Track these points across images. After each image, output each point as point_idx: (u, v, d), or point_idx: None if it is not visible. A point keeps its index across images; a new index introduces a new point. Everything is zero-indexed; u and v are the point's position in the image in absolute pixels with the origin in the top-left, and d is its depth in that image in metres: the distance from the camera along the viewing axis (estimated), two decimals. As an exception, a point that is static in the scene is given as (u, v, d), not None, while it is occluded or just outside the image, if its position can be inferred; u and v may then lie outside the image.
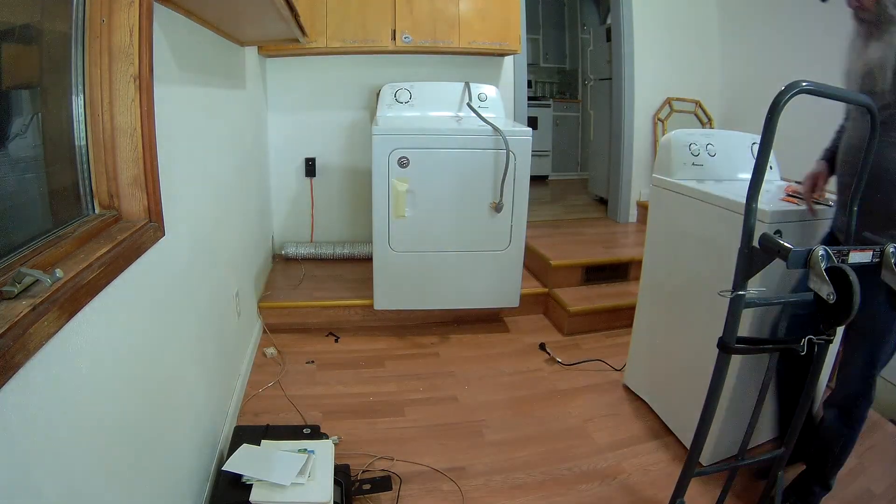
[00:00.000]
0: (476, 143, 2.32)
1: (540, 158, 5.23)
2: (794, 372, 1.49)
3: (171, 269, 1.29)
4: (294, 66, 2.99)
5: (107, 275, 0.90)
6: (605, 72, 4.01)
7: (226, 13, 1.61)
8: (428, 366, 2.32)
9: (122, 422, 0.98)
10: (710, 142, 1.91)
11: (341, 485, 1.45)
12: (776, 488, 1.42)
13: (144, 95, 1.05)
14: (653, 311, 2.00)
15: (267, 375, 2.17)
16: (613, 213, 3.82)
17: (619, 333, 2.57)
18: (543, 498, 1.59)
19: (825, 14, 2.80)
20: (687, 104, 3.64)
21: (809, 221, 1.53)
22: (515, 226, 2.44)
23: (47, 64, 0.97)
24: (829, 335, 1.24)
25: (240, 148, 2.22)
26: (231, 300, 1.95)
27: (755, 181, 1.13)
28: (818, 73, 2.88)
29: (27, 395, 0.70)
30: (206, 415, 1.54)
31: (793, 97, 1.06)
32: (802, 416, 1.37)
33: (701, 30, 3.59)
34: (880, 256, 1.12)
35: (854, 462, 1.74)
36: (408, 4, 2.74)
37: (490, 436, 1.87)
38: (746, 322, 1.51)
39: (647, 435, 1.89)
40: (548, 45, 5.84)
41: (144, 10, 1.03)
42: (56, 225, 0.95)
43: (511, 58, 3.24)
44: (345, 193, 3.14)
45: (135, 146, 1.06)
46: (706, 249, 1.67)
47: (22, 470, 0.69)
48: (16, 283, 0.73)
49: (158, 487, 1.16)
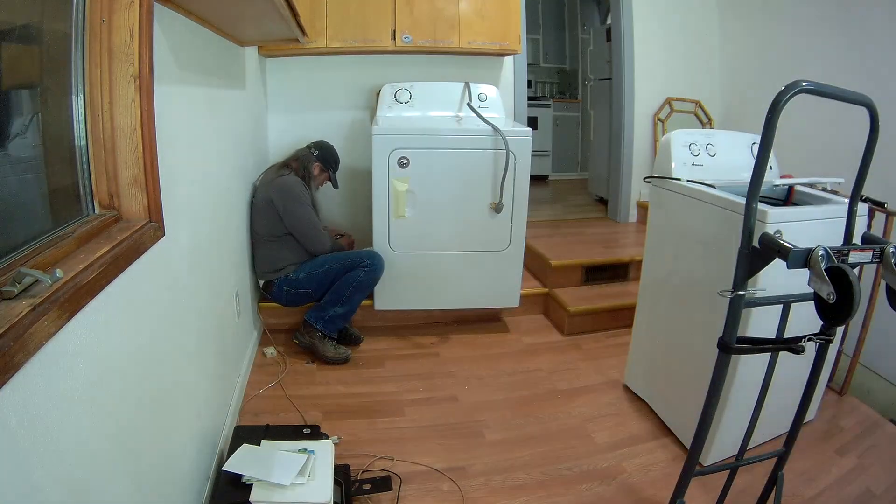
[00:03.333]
0: (476, 143, 2.32)
1: (540, 158, 5.23)
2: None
3: (171, 268, 1.29)
4: (294, 66, 2.99)
5: (107, 275, 0.90)
6: (605, 72, 4.01)
7: (226, 13, 1.61)
8: (428, 366, 2.32)
9: (122, 421, 0.98)
10: (710, 142, 1.91)
11: (341, 485, 1.45)
12: (776, 488, 1.42)
13: (144, 95, 1.05)
14: (653, 311, 2.00)
15: (267, 375, 2.17)
16: (613, 213, 3.82)
17: (619, 333, 2.57)
18: (543, 498, 1.59)
19: (825, 14, 2.80)
20: (687, 104, 3.64)
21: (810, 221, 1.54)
22: (515, 226, 2.43)
23: (47, 64, 0.97)
24: (829, 335, 1.24)
25: (240, 148, 2.22)
26: (231, 300, 1.95)
27: (755, 181, 1.13)
28: (818, 72, 2.90)
29: (27, 395, 0.70)
30: (206, 414, 1.54)
31: (793, 97, 1.06)
32: (803, 415, 1.37)
33: (701, 30, 3.59)
34: (880, 256, 1.12)
35: (854, 462, 1.74)
36: (408, 4, 2.74)
37: (490, 436, 1.87)
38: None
39: (647, 435, 1.89)
40: (548, 45, 5.84)
41: (144, 10, 1.03)
42: (56, 225, 0.95)
43: (511, 58, 3.24)
44: (345, 193, 3.14)
45: (135, 146, 1.06)
46: (706, 249, 1.67)
47: (22, 470, 0.69)
48: (16, 283, 0.73)
49: (159, 487, 1.16)
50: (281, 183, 2.25)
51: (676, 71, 3.60)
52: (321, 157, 2.42)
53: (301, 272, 2.30)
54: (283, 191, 2.24)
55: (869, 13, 2.54)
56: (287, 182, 2.26)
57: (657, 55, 3.55)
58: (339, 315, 2.29)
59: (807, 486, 1.64)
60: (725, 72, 3.61)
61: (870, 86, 1.75)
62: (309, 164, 2.38)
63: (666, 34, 3.54)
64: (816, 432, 1.89)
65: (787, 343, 1.22)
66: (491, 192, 2.37)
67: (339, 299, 2.28)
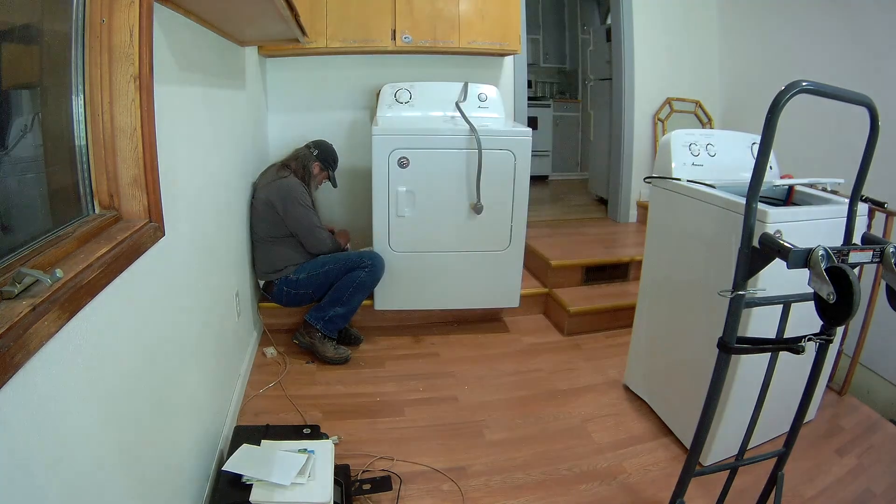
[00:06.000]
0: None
1: (540, 158, 5.23)
2: None
3: (171, 269, 1.29)
4: (294, 66, 2.99)
5: (107, 275, 0.90)
6: (605, 72, 4.01)
7: (226, 13, 1.61)
8: (428, 366, 2.32)
9: (122, 421, 0.98)
10: (710, 142, 1.91)
11: (341, 485, 1.45)
12: (776, 488, 1.42)
13: (144, 95, 1.05)
14: (653, 311, 2.00)
15: (267, 375, 2.17)
16: (613, 213, 3.82)
17: (619, 333, 2.57)
18: (543, 498, 1.59)
19: (825, 14, 2.80)
20: (687, 104, 3.64)
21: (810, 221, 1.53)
22: (515, 226, 2.43)
23: (47, 64, 0.97)
24: (829, 335, 1.24)
25: (240, 148, 2.22)
26: (231, 300, 1.95)
27: (755, 181, 1.13)
28: (818, 72, 2.89)
29: (27, 395, 0.70)
30: (206, 414, 1.54)
31: (793, 97, 1.06)
32: (803, 415, 1.37)
33: (701, 30, 3.59)
34: (880, 256, 1.12)
35: (854, 462, 1.74)
36: (408, 4, 2.74)
37: (490, 436, 1.87)
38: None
39: (647, 435, 1.89)
40: (548, 45, 5.84)
41: (144, 10, 1.03)
42: (56, 225, 0.95)
43: (511, 58, 3.24)
44: (345, 193, 3.14)
45: (135, 146, 1.06)
46: (706, 249, 1.67)
47: (22, 469, 0.69)
48: (16, 283, 0.73)
49: (159, 486, 1.16)
50: (281, 185, 2.26)
51: (676, 71, 3.60)
52: (321, 157, 2.43)
53: (301, 272, 2.30)
54: (283, 192, 2.24)
55: (869, 13, 2.54)
56: (287, 184, 2.26)
57: (657, 55, 3.55)
58: (339, 315, 2.29)
59: (807, 486, 1.64)
60: (725, 72, 3.61)
61: (870, 86, 1.75)
62: (308, 163, 2.38)
63: (666, 34, 3.54)
64: (816, 432, 1.89)
65: (787, 343, 1.22)
66: (491, 192, 2.36)
67: (340, 300, 2.28)
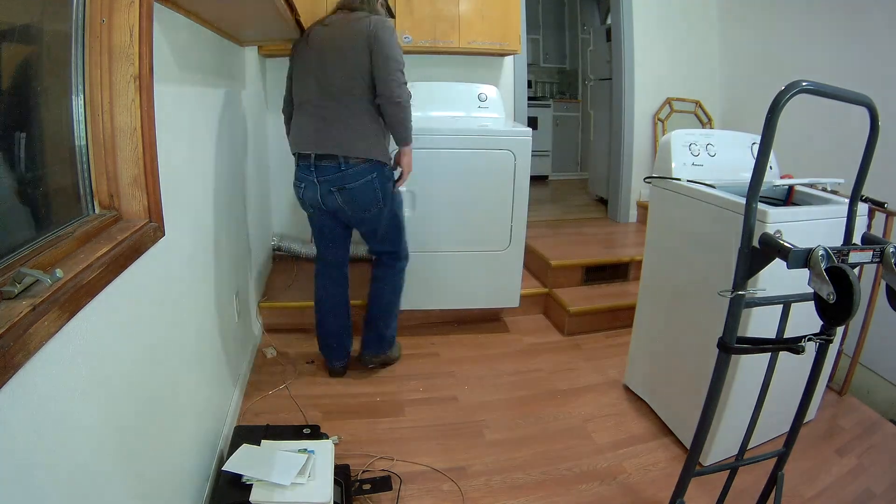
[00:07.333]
0: (476, 143, 2.32)
1: (540, 158, 5.23)
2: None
3: (171, 268, 1.29)
4: (294, 66, 2.98)
5: (107, 275, 0.90)
6: (605, 72, 4.01)
7: (226, 13, 1.61)
8: (428, 366, 2.32)
9: (122, 422, 0.98)
10: (710, 142, 1.91)
11: (341, 485, 1.45)
12: (776, 488, 1.42)
13: (144, 95, 1.05)
14: (653, 311, 2.00)
15: (267, 375, 2.17)
16: (613, 213, 3.82)
17: (619, 333, 2.57)
18: (543, 498, 1.59)
19: (825, 14, 2.80)
20: (687, 104, 3.64)
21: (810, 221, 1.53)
22: (515, 226, 2.43)
23: (47, 64, 0.96)
24: (829, 335, 1.24)
25: (240, 148, 2.22)
26: (231, 300, 1.95)
27: (755, 181, 1.13)
28: (818, 72, 2.89)
29: (27, 395, 0.70)
30: (206, 414, 1.54)
31: (793, 97, 1.06)
32: (803, 415, 1.37)
33: (701, 30, 3.59)
34: (880, 256, 1.12)
35: (854, 462, 1.74)
36: (408, 4, 2.74)
37: (490, 436, 1.87)
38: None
39: (647, 435, 1.89)
40: (548, 45, 5.84)
41: (144, 10, 1.03)
42: (56, 225, 0.95)
43: (511, 58, 3.24)
44: (345, 193, 3.14)
45: (135, 146, 1.06)
46: (706, 249, 1.67)
47: (22, 470, 0.69)
48: (16, 283, 0.73)
49: (159, 486, 1.16)
50: (380, 19, 1.91)
51: (676, 71, 3.60)
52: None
53: (391, 179, 1.98)
54: (384, 24, 1.89)
55: (869, 13, 2.54)
56: (384, 18, 1.94)
57: (657, 55, 3.55)
58: (395, 328, 2.30)
59: (807, 486, 1.64)
60: (725, 72, 3.61)
61: (870, 86, 1.74)
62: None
63: (666, 34, 3.54)
64: (816, 432, 1.89)
65: (787, 343, 1.22)
66: (491, 192, 2.36)
67: (392, 313, 2.26)
